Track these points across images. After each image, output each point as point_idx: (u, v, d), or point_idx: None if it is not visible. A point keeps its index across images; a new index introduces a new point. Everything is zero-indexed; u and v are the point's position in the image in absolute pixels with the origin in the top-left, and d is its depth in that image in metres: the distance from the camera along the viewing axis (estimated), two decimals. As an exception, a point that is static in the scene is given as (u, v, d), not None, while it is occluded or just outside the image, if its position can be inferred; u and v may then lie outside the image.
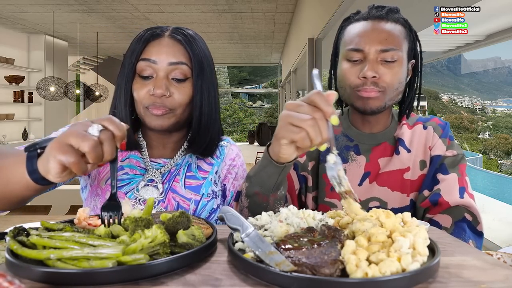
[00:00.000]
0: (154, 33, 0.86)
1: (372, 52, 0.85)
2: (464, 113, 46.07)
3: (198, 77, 0.86)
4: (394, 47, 0.85)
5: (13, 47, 8.41)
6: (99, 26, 8.17)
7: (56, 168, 0.56)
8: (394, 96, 0.89)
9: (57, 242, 0.48)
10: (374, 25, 0.88)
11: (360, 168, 0.93)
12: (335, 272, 0.44)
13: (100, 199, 0.87)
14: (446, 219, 0.84)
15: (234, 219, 0.57)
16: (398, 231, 0.50)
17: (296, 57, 6.38)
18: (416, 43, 0.93)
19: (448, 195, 0.85)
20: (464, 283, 0.46)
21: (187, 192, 0.90)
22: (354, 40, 0.88)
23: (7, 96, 8.34)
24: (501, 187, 10.67)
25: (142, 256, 0.46)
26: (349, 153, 0.95)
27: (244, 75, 32.49)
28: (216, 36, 9.31)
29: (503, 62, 71.32)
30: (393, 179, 0.91)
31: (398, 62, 0.87)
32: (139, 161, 0.91)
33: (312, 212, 0.62)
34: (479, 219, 0.84)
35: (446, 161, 0.90)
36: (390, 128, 0.96)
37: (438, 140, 0.93)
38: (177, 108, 0.85)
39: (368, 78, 0.85)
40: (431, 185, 0.89)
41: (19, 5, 6.66)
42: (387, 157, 0.93)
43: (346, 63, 0.90)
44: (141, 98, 0.84)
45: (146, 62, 0.84)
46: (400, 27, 0.89)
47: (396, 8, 0.92)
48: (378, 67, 0.85)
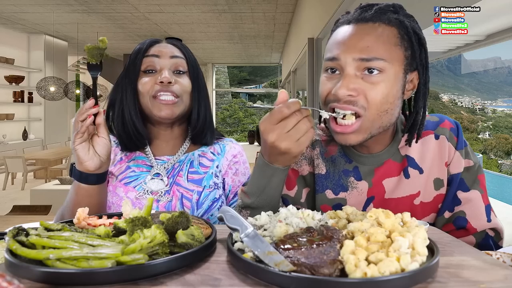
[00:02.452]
0: (153, 40, 0.99)
1: (349, 62, 0.69)
2: (464, 113, 46.07)
3: (193, 72, 0.98)
4: (378, 56, 0.69)
5: (13, 47, 8.42)
6: (99, 26, 8.17)
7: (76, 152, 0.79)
8: (385, 123, 0.72)
9: (56, 242, 0.48)
10: (355, 29, 0.72)
11: (363, 195, 0.81)
12: (334, 272, 0.44)
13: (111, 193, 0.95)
14: (470, 240, 0.77)
15: (233, 219, 0.57)
16: (397, 231, 0.50)
17: (296, 57, 6.38)
18: (421, 49, 0.74)
19: (475, 220, 0.77)
20: (463, 283, 0.46)
21: (190, 184, 0.97)
22: (331, 48, 0.74)
23: (7, 96, 8.34)
24: (501, 187, 10.67)
25: (141, 256, 0.46)
26: (348, 180, 0.82)
27: (244, 75, 32.49)
28: (216, 36, 9.31)
29: (503, 62, 71.33)
30: (401, 207, 0.78)
31: (384, 76, 0.69)
32: (144, 160, 1.00)
33: (311, 212, 0.62)
34: (502, 235, 0.78)
35: (464, 175, 0.79)
36: (393, 143, 0.81)
37: (456, 154, 0.79)
38: (182, 94, 0.94)
39: (341, 98, 0.69)
40: (452, 205, 0.79)
41: (19, 5, 6.66)
42: (393, 177, 0.80)
43: (323, 76, 0.76)
44: (148, 88, 0.92)
45: (150, 58, 0.94)
46: (392, 30, 0.71)
47: (393, 5, 0.74)
48: (356, 82, 0.69)
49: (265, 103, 30.63)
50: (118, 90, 0.97)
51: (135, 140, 0.96)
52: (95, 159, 0.80)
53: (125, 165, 0.98)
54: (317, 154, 0.87)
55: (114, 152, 1.01)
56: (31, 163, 6.86)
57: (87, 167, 0.80)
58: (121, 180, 0.96)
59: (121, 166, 0.98)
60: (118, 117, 0.96)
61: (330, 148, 0.86)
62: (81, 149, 0.79)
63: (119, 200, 0.94)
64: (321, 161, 0.86)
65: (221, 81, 26.90)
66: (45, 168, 6.83)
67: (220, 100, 26.11)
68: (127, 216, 0.59)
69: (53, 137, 9.15)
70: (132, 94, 0.94)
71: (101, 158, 0.81)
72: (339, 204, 0.82)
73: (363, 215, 0.59)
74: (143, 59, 0.94)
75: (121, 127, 0.96)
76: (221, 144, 1.06)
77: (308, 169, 0.88)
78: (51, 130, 9.19)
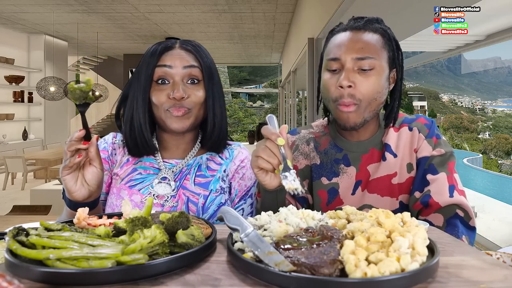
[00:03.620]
0: (166, 45, 0.94)
1: (348, 60, 0.87)
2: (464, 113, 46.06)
3: (209, 80, 0.95)
4: (370, 55, 0.87)
5: (13, 47, 8.42)
6: (99, 26, 8.17)
7: (64, 182, 0.78)
8: (374, 107, 0.90)
9: (56, 242, 0.48)
10: (351, 35, 0.90)
11: (352, 179, 0.95)
12: (334, 272, 0.44)
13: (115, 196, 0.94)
14: (438, 218, 0.86)
15: (234, 219, 0.57)
16: (397, 231, 0.50)
17: (296, 57, 6.38)
18: (398, 52, 0.94)
19: (438, 195, 0.87)
20: (463, 283, 0.46)
21: (197, 188, 0.96)
22: (333, 50, 0.91)
23: (7, 96, 8.35)
24: (501, 187, 10.67)
25: (141, 256, 0.46)
26: (339, 166, 0.97)
27: (244, 75, 32.48)
28: (216, 36, 9.31)
29: (503, 62, 71.30)
30: (381, 185, 0.92)
31: (375, 71, 0.87)
32: (152, 162, 0.98)
33: (311, 212, 0.62)
34: (470, 215, 0.86)
35: (434, 161, 0.91)
36: (377, 134, 0.97)
37: (424, 141, 0.93)
38: (194, 107, 0.92)
39: (344, 87, 0.86)
40: (421, 186, 0.90)
41: (19, 5, 6.66)
42: (375, 163, 0.95)
43: (326, 73, 0.92)
44: (162, 101, 0.91)
45: (162, 68, 0.91)
46: (378, 36, 0.91)
47: (376, 18, 0.94)
48: (354, 76, 0.87)
49: (265, 103, 30.64)
50: (130, 93, 0.95)
51: (142, 149, 0.95)
52: (83, 190, 0.79)
53: (132, 167, 0.97)
54: (312, 148, 1.03)
55: (121, 153, 0.99)
56: (31, 163, 6.87)
57: (74, 198, 0.79)
58: (126, 182, 0.95)
59: (127, 168, 0.97)
60: (127, 122, 0.94)
61: (323, 141, 1.03)
62: (69, 180, 0.78)
63: None
64: (315, 154, 1.02)
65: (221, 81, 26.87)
66: (45, 168, 6.83)
67: (220, 100, 26.06)
68: (127, 216, 0.59)
69: (53, 137, 9.15)
70: (143, 103, 0.92)
71: (90, 188, 0.79)
72: (333, 188, 0.97)
73: (362, 215, 0.59)
74: (155, 69, 0.92)
75: (129, 133, 0.94)
76: (230, 148, 1.05)
77: (305, 163, 1.02)
78: (51, 130, 9.20)
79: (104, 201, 0.98)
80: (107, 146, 1.01)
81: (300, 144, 1.04)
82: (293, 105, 9.24)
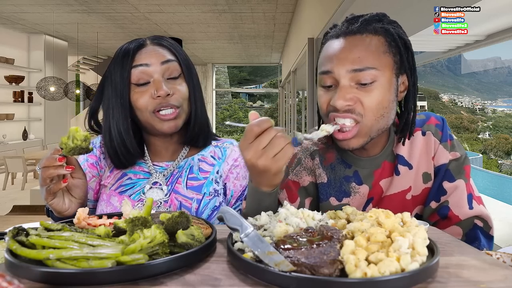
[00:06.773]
0: (138, 43, 0.89)
1: (343, 74, 0.72)
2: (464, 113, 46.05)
3: (188, 73, 0.91)
4: (369, 65, 0.71)
5: (13, 47, 8.41)
6: (99, 26, 8.17)
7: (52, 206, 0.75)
8: (382, 125, 0.76)
9: (56, 242, 0.48)
10: (344, 42, 0.74)
11: (364, 198, 0.85)
12: (334, 272, 0.44)
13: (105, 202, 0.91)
14: (456, 230, 0.78)
15: (234, 219, 0.57)
16: (398, 231, 0.50)
17: (296, 57, 6.38)
18: (407, 52, 0.77)
19: (457, 207, 0.78)
20: (463, 283, 0.46)
21: (189, 192, 0.91)
22: (324, 62, 0.76)
23: (7, 96, 8.34)
24: (501, 187, 10.67)
25: (141, 256, 0.46)
26: (350, 185, 0.85)
27: (244, 75, 32.48)
28: (216, 36, 9.30)
29: (503, 62, 71.31)
30: (395, 202, 0.83)
31: (378, 84, 0.72)
32: (142, 166, 0.94)
33: (311, 212, 0.62)
34: (490, 224, 0.78)
35: (451, 166, 0.82)
36: (388, 144, 0.85)
37: (439, 147, 0.83)
38: (182, 104, 0.88)
39: (339, 109, 0.72)
40: (438, 196, 0.81)
41: (19, 5, 6.66)
42: (387, 178, 0.84)
43: (320, 89, 0.79)
44: (146, 104, 0.85)
45: (139, 68, 0.85)
46: (379, 39, 0.74)
47: (377, 15, 0.77)
48: (351, 92, 0.72)
49: (265, 103, 30.61)
50: (105, 102, 0.88)
51: (124, 160, 0.89)
52: (73, 206, 0.76)
53: (121, 172, 0.92)
54: (317, 164, 0.90)
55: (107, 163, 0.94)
56: (31, 163, 6.86)
57: (67, 215, 0.75)
58: (116, 188, 0.90)
59: (117, 173, 0.93)
60: (106, 133, 0.88)
61: (329, 155, 0.89)
62: (57, 203, 0.74)
63: (114, 210, 0.88)
64: (321, 170, 0.89)
65: (221, 81, 26.89)
66: (45, 168, 6.81)
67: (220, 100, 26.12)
68: (127, 216, 0.59)
69: (53, 137, 9.15)
70: (122, 109, 0.86)
71: (79, 201, 0.77)
72: None
73: (363, 215, 0.59)
74: (132, 70, 0.85)
75: (109, 144, 0.88)
76: (222, 147, 1.00)
77: (309, 179, 0.90)
78: (51, 130, 9.19)
79: (93, 209, 0.94)
80: (95, 151, 0.96)
81: (304, 158, 0.92)
82: (293, 105, 9.23)
